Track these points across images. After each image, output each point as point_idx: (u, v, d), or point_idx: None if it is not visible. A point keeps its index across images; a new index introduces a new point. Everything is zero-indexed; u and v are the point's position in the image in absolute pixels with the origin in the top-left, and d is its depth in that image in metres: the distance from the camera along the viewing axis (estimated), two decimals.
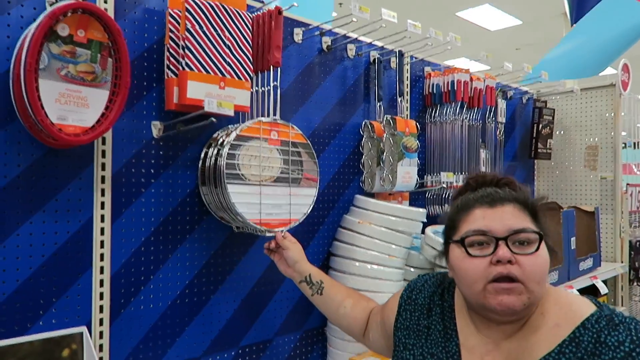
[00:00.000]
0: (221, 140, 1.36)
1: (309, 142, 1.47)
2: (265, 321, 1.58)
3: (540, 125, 2.76)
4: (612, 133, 2.79)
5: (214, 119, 1.18)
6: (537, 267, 0.91)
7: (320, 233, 1.73)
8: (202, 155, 1.40)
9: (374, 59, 1.91)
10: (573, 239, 2.32)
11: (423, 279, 1.16)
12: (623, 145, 2.84)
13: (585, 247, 2.46)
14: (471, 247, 0.94)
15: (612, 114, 2.79)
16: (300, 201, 1.44)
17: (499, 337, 0.96)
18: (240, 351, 1.51)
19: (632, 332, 0.86)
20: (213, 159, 1.35)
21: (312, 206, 1.46)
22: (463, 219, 0.98)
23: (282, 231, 1.38)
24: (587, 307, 0.93)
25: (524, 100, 2.84)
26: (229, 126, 1.44)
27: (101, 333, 1.23)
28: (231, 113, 1.24)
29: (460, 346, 0.99)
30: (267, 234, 1.38)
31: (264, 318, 1.57)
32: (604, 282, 2.58)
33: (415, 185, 1.91)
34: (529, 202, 0.97)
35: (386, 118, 1.83)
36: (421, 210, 1.70)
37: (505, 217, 0.93)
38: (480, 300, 0.92)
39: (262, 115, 1.44)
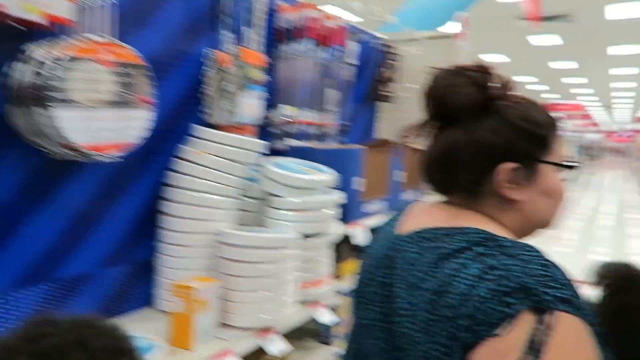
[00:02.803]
0: (35, 55, 1.23)
1: (142, 62, 1.40)
2: (85, 252, 1.51)
3: (384, 69, 2.93)
4: None
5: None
6: None
7: (156, 164, 1.68)
8: (10, 71, 1.26)
9: None
10: (399, 173, 2.61)
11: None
12: None
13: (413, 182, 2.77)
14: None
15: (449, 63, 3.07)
16: (134, 124, 1.40)
17: None
18: (53, 284, 1.44)
19: None
20: (26, 77, 1.22)
21: (146, 129, 1.43)
22: (556, 139, 0.87)
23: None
24: None
25: (375, 45, 2.99)
26: (44, 41, 1.30)
27: None
28: (38, 19, 1.11)
29: None
30: (99, 158, 1.33)
31: (83, 249, 1.51)
32: None
33: (261, 120, 1.94)
34: None
35: (231, 48, 1.80)
36: (258, 140, 1.75)
37: None
38: (553, 220, 0.91)
39: (93, 33, 1.33)
